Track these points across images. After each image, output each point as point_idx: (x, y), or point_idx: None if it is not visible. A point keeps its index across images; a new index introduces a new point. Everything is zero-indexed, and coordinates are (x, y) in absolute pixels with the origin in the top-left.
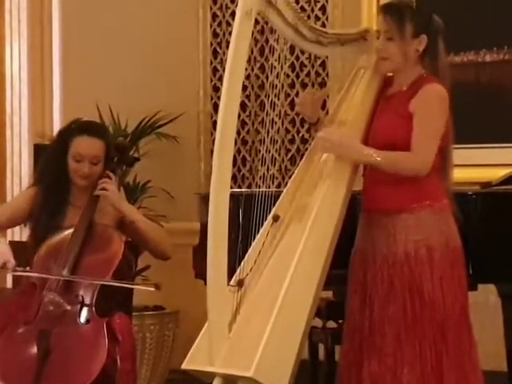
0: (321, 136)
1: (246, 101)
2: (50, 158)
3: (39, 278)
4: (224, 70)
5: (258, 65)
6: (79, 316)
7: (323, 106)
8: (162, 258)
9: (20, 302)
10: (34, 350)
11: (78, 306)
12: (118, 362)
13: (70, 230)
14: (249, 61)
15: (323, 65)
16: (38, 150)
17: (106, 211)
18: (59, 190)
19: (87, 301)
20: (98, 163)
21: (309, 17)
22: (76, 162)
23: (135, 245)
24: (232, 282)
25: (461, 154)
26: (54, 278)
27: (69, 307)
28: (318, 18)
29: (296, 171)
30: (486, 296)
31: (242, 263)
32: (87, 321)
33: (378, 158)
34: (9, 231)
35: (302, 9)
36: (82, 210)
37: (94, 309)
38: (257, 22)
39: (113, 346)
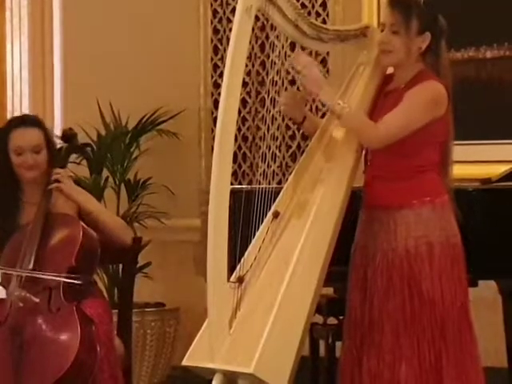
0: (304, 60)
1: (247, 97)
2: None
3: (5, 279)
4: (225, 67)
5: (259, 61)
6: (49, 306)
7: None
8: (121, 246)
9: None
10: (10, 348)
11: (47, 296)
12: (98, 346)
13: (29, 227)
14: (249, 57)
15: (324, 62)
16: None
17: (64, 201)
18: (9, 191)
19: (54, 289)
20: (41, 151)
21: (309, 13)
22: (18, 155)
23: (137, 241)
24: (232, 279)
25: (461, 150)
26: (27, 274)
27: (37, 299)
28: (318, 15)
29: (296, 167)
30: (487, 292)
31: (242, 260)
32: (58, 309)
33: (345, 111)
34: None
35: (303, 5)
36: (37, 205)
37: (62, 296)
38: (258, 18)
39: (89, 331)
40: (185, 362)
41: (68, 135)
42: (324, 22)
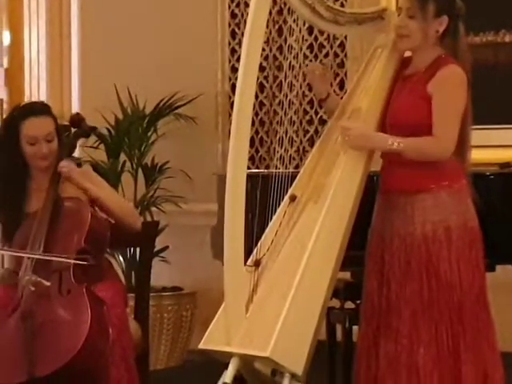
0: (342, 128)
1: (264, 82)
2: (2, 151)
3: (17, 264)
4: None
5: (277, 45)
6: (60, 288)
7: (341, 87)
8: (130, 232)
9: (7, 291)
10: (23, 334)
11: (57, 279)
12: (110, 329)
13: (39, 213)
14: (267, 41)
15: (342, 46)
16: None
17: (73, 186)
18: (19, 180)
19: (64, 272)
20: (53, 139)
21: None
22: (31, 145)
23: (154, 225)
24: (249, 262)
25: (479, 134)
26: (35, 256)
27: (48, 283)
28: None
29: (313, 151)
30: (504, 277)
31: (259, 243)
32: (68, 291)
33: (402, 145)
34: None
35: None
36: (45, 191)
37: (72, 278)
38: (275, 2)
39: (100, 312)
40: (201, 346)
41: (76, 120)
42: (342, 5)
